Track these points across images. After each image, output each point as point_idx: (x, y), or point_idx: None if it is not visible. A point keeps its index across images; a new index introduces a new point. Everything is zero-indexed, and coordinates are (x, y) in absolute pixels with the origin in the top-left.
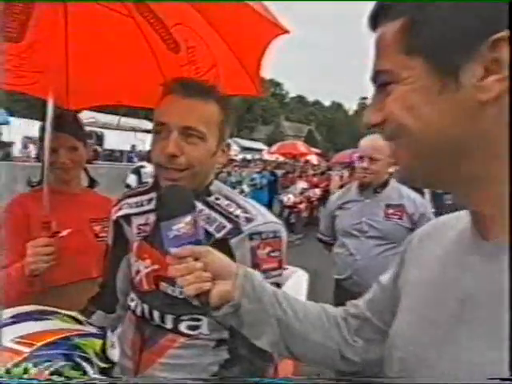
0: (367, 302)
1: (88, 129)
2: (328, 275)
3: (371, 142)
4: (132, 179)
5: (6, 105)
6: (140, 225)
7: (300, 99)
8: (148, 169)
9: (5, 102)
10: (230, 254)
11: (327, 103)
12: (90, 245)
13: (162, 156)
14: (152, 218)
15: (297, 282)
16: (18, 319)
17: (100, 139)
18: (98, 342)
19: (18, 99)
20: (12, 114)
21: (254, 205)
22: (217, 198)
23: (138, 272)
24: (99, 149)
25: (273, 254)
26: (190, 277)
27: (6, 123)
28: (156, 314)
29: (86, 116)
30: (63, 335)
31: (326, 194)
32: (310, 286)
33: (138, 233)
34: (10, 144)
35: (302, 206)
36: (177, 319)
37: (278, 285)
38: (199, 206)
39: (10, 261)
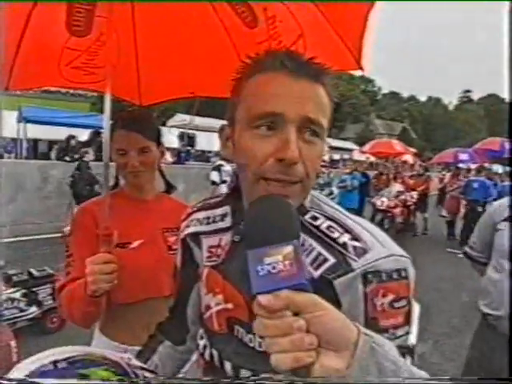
0: None
1: (180, 130)
2: (438, 303)
3: None
4: (215, 175)
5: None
6: (211, 247)
7: (393, 95)
8: (227, 167)
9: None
10: (335, 301)
11: (423, 98)
12: (162, 258)
13: (273, 163)
14: (226, 238)
15: None
16: (50, 369)
17: (192, 140)
18: None
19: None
20: None
21: (366, 227)
22: (314, 218)
23: (208, 307)
24: (191, 150)
25: (397, 305)
26: (285, 341)
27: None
28: (228, 365)
29: (178, 118)
30: None
31: (424, 197)
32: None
33: (209, 257)
34: None
35: (396, 211)
36: (255, 376)
37: (407, 349)
38: None
39: (76, 274)
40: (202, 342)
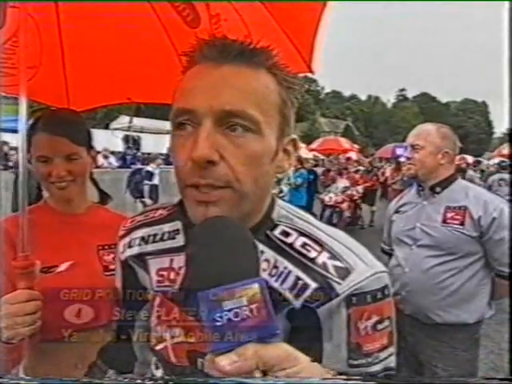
0: None
1: (125, 133)
2: None
3: (416, 129)
4: None
5: None
6: (161, 270)
7: (335, 94)
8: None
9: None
10: (317, 328)
11: (363, 97)
12: (97, 280)
13: (189, 164)
14: (179, 260)
15: None
16: None
17: (137, 143)
18: None
19: None
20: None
21: (341, 240)
22: (285, 233)
23: (161, 339)
24: (137, 153)
25: (381, 327)
26: None
27: None
28: None
29: (123, 120)
30: None
31: (372, 191)
32: None
33: (160, 281)
34: None
35: (344, 205)
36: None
37: (392, 371)
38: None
39: None
40: (158, 373)
